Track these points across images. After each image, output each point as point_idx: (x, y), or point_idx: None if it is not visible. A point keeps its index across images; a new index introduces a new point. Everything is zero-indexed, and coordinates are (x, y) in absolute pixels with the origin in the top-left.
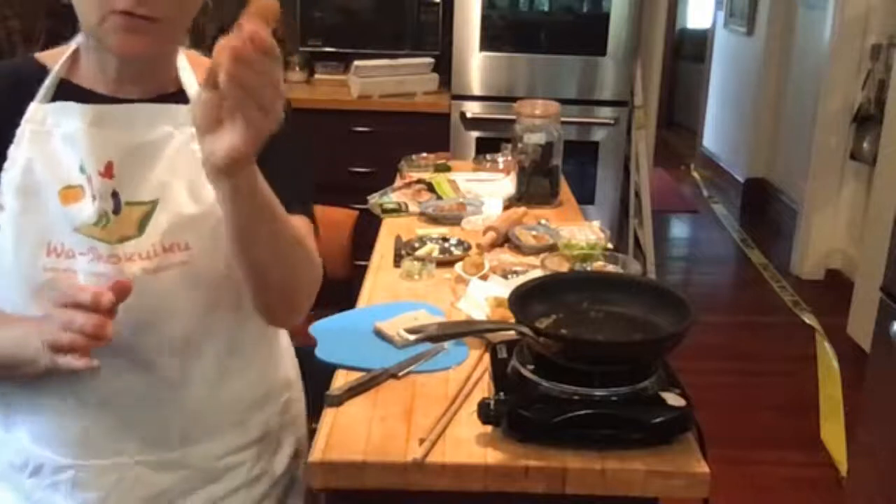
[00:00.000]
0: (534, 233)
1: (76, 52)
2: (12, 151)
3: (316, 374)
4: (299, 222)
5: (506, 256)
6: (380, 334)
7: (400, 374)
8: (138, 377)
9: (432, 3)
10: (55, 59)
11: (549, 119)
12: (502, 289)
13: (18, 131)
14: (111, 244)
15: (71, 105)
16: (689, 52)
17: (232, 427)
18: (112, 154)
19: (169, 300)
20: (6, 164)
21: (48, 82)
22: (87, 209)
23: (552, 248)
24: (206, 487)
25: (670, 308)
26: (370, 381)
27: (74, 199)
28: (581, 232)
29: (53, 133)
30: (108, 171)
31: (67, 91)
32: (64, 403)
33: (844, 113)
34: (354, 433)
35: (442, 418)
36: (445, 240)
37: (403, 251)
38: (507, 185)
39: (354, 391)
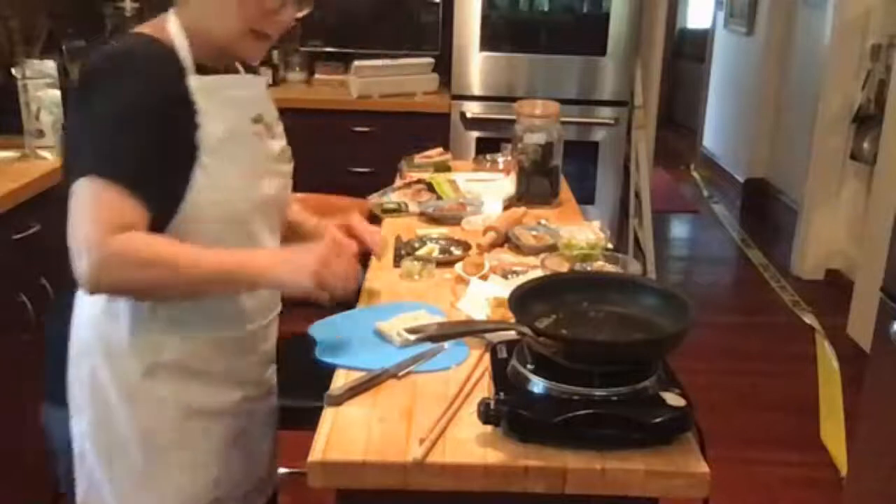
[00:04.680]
0: (534, 233)
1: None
2: (201, 117)
3: (316, 374)
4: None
5: (506, 256)
6: (380, 334)
7: (400, 374)
8: None
9: (432, 3)
10: (163, 36)
11: (549, 119)
12: (502, 289)
13: (195, 98)
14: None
15: (230, 77)
16: (689, 52)
17: None
18: (260, 108)
19: None
20: (204, 126)
21: (188, 60)
22: (274, 145)
23: (552, 248)
24: None
25: (670, 308)
26: (370, 381)
27: (260, 141)
28: (581, 232)
29: (223, 95)
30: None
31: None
32: None
33: (844, 113)
34: (354, 433)
35: (442, 418)
36: (445, 240)
37: (403, 251)
38: (507, 185)
39: (354, 391)
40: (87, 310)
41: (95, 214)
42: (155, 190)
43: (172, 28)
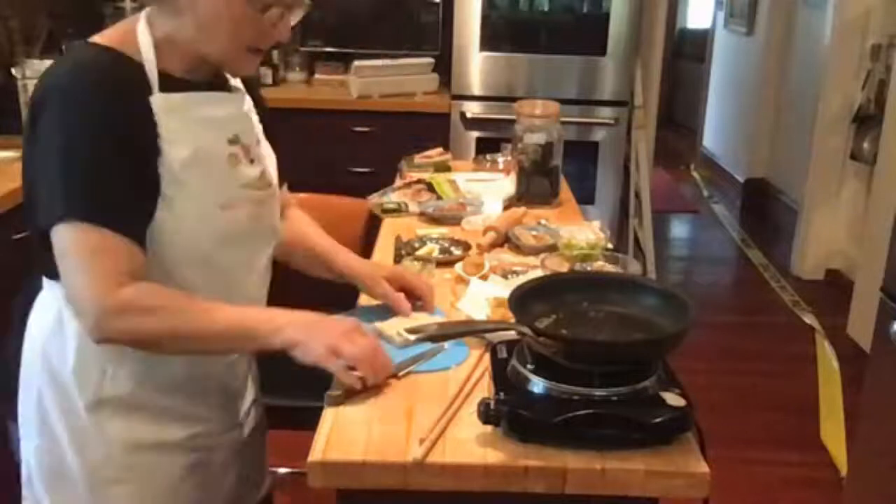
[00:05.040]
0: (534, 233)
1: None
2: (165, 140)
3: (314, 374)
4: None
5: (506, 256)
6: (380, 334)
7: (400, 374)
8: None
9: (432, 3)
10: (127, 47)
11: (549, 119)
12: (502, 289)
13: (159, 120)
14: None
15: (201, 94)
16: (689, 52)
17: None
18: (237, 128)
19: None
20: (167, 151)
21: (154, 76)
22: (250, 171)
23: (552, 248)
24: None
25: (670, 308)
26: None
27: (236, 164)
28: (581, 232)
29: (193, 115)
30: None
31: (164, 79)
32: None
33: (844, 113)
34: (354, 433)
35: (442, 418)
36: (445, 240)
37: (403, 251)
38: (507, 185)
39: (354, 391)
40: (37, 328)
41: (90, 265)
42: (137, 227)
43: (141, 38)
